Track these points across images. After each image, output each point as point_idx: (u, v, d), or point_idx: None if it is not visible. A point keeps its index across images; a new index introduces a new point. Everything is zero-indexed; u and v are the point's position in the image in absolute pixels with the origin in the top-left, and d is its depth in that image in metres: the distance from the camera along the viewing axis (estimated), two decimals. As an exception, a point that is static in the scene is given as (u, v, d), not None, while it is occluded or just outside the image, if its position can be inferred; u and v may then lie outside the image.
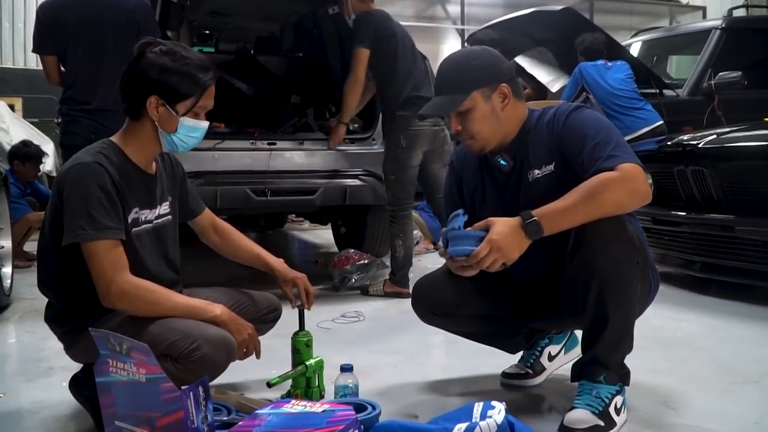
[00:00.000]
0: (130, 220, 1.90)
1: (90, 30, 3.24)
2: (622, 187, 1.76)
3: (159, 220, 2.02)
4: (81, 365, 2.00)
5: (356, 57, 3.74)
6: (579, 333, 2.29)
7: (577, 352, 2.30)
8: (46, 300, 1.97)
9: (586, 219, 1.75)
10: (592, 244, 1.77)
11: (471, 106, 1.90)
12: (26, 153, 5.60)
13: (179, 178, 2.14)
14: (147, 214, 1.97)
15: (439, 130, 3.82)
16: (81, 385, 1.95)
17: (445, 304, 2.10)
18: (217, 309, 1.85)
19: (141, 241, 1.94)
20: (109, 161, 1.86)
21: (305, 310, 2.13)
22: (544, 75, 5.76)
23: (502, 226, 1.75)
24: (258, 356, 1.92)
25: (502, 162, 1.99)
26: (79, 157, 1.87)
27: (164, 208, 2.05)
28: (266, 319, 2.17)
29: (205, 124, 1.96)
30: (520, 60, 5.73)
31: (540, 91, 5.92)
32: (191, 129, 1.93)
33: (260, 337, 2.23)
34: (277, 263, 2.18)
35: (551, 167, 1.90)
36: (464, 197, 2.13)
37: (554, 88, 5.59)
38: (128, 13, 3.28)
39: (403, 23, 4.04)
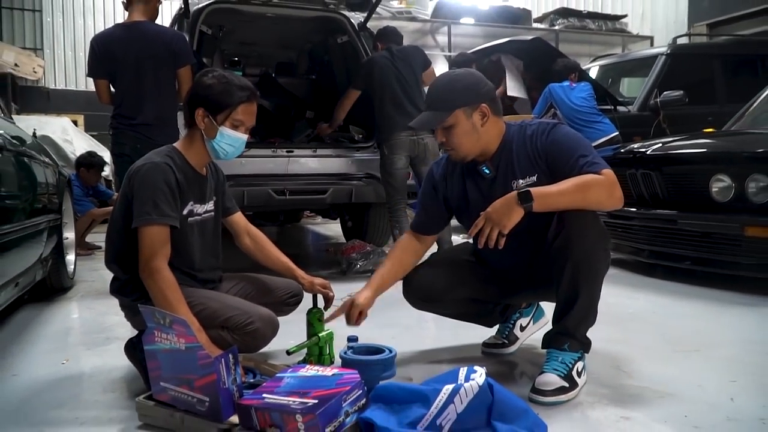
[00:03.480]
0: (186, 212, 1.94)
1: (136, 59, 3.24)
2: (606, 189, 1.77)
3: (205, 215, 2.05)
4: (134, 333, 2.00)
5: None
6: (545, 307, 2.31)
7: (543, 322, 2.32)
8: (107, 280, 1.99)
9: (570, 206, 1.75)
10: (570, 231, 1.76)
11: (454, 122, 1.86)
12: (90, 162, 5.69)
13: (221, 181, 2.17)
14: (198, 208, 2.01)
15: (416, 139, 3.84)
16: (136, 349, 1.94)
17: (432, 293, 2.09)
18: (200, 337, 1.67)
19: (192, 230, 1.98)
20: (174, 162, 1.91)
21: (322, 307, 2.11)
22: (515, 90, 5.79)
23: (496, 201, 1.75)
24: None
25: (485, 170, 1.93)
26: (150, 158, 1.92)
27: (210, 205, 2.07)
28: (288, 303, 2.19)
29: (242, 136, 1.97)
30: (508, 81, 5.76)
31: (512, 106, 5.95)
32: (229, 138, 1.94)
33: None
34: (302, 272, 2.16)
35: (534, 178, 1.86)
36: (449, 204, 2.07)
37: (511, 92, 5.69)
38: (167, 44, 3.28)
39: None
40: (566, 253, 1.77)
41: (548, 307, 2.23)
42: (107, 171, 6.88)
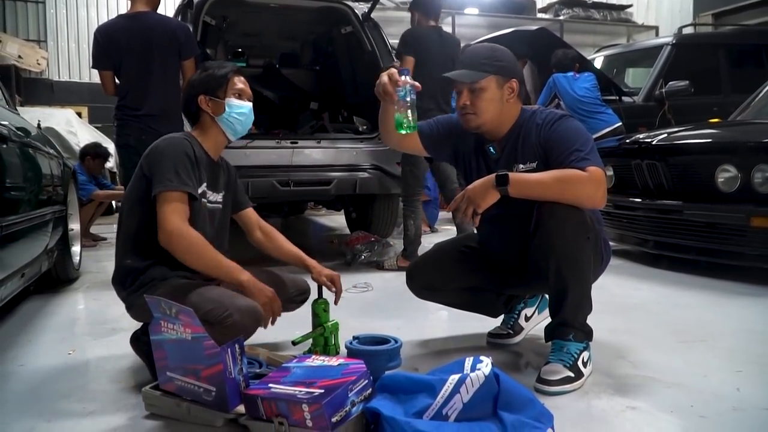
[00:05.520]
0: (200, 191, 1.95)
1: (140, 49, 3.23)
2: (587, 187, 1.74)
3: (214, 205, 2.04)
4: (140, 325, 1.99)
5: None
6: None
7: (548, 312, 2.30)
8: (112, 272, 1.96)
9: (547, 197, 1.75)
10: (548, 225, 1.75)
11: (486, 86, 1.87)
12: (96, 152, 5.71)
13: (233, 177, 2.19)
14: (210, 195, 2.01)
15: None
16: (140, 342, 1.95)
17: (434, 282, 2.10)
18: (244, 276, 1.80)
19: (205, 214, 1.98)
20: (191, 142, 1.97)
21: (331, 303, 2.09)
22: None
23: (477, 181, 1.77)
24: (274, 319, 1.84)
25: (491, 150, 1.96)
26: (170, 135, 1.98)
27: (219, 197, 2.07)
28: (295, 300, 2.15)
29: (247, 104, 2.05)
30: None
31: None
32: (237, 107, 2.03)
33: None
34: (314, 262, 2.15)
35: (533, 165, 1.87)
36: (457, 157, 2.07)
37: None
38: (170, 33, 3.26)
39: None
40: (548, 247, 1.76)
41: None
42: (111, 163, 6.89)
